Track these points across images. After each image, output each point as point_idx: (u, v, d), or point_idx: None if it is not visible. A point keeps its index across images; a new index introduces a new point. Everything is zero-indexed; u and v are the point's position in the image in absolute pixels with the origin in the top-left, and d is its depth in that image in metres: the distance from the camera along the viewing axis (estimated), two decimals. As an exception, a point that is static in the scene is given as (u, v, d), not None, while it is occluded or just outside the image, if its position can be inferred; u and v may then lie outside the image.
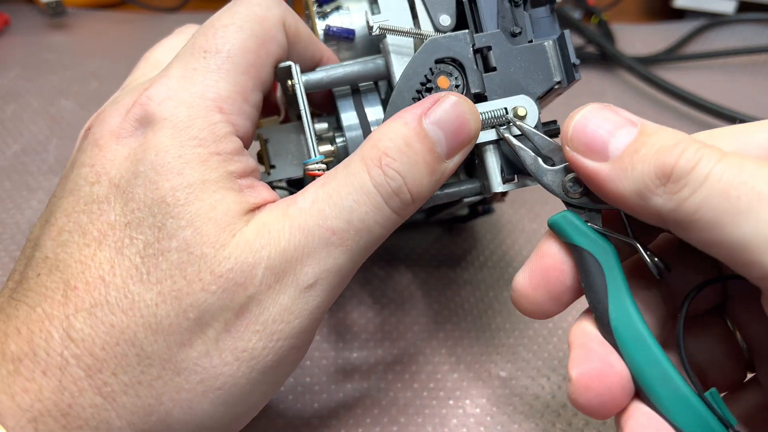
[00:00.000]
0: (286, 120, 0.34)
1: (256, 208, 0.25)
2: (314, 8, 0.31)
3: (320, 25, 0.31)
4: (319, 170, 0.28)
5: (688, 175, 0.20)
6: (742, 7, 0.70)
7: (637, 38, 0.69)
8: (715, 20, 0.71)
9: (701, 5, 0.72)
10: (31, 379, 0.21)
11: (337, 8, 0.31)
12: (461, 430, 0.32)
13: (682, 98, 0.57)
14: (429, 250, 0.43)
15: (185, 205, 0.23)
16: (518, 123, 0.27)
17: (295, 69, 0.28)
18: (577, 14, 0.68)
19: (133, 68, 0.31)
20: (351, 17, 0.31)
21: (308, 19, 0.32)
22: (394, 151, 0.24)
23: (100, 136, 0.25)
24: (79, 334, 0.22)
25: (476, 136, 0.26)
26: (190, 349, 0.22)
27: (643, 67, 0.60)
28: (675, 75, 0.62)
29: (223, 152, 0.24)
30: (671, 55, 0.66)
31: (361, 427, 0.32)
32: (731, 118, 0.53)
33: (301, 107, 0.28)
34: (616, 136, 0.22)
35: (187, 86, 0.25)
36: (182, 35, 0.31)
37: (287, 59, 0.28)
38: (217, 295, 0.23)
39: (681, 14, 0.74)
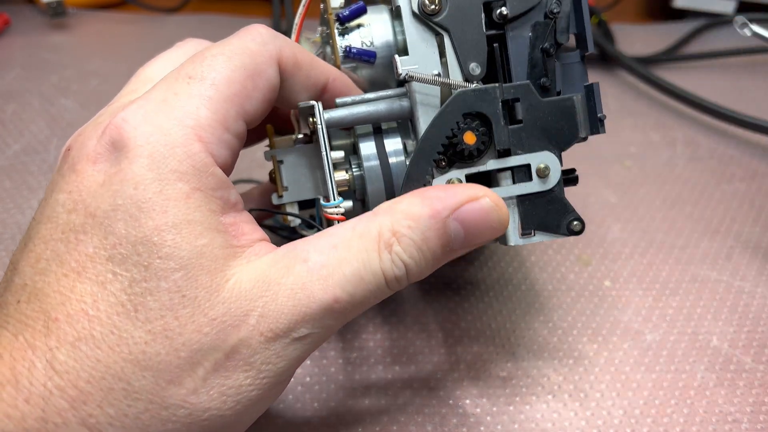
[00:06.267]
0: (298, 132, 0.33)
1: (242, 248, 0.25)
2: (335, 26, 0.31)
3: (341, 42, 0.30)
4: (336, 214, 0.28)
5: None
6: (742, 7, 0.70)
7: (637, 38, 0.69)
8: (714, 20, 0.71)
9: (701, 5, 0.72)
10: (14, 406, 0.21)
11: (358, 26, 0.31)
12: (461, 429, 0.32)
13: (682, 98, 0.57)
14: (429, 250, 0.43)
15: (173, 248, 0.23)
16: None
17: (318, 108, 0.28)
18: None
19: (133, 68, 0.31)
20: (371, 34, 0.30)
21: (328, 37, 0.31)
22: (408, 243, 0.25)
23: (78, 160, 0.24)
24: (63, 367, 0.22)
25: (494, 238, 0.27)
26: (179, 387, 0.23)
27: (643, 68, 0.60)
28: (675, 75, 0.62)
29: (205, 188, 0.24)
30: (671, 55, 0.66)
31: (361, 425, 0.32)
32: (731, 118, 0.54)
33: (323, 148, 0.28)
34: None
35: (166, 111, 0.24)
36: (181, 49, 0.31)
37: (286, 89, 0.28)
38: (210, 336, 0.23)
39: (681, 14, 0.75)
